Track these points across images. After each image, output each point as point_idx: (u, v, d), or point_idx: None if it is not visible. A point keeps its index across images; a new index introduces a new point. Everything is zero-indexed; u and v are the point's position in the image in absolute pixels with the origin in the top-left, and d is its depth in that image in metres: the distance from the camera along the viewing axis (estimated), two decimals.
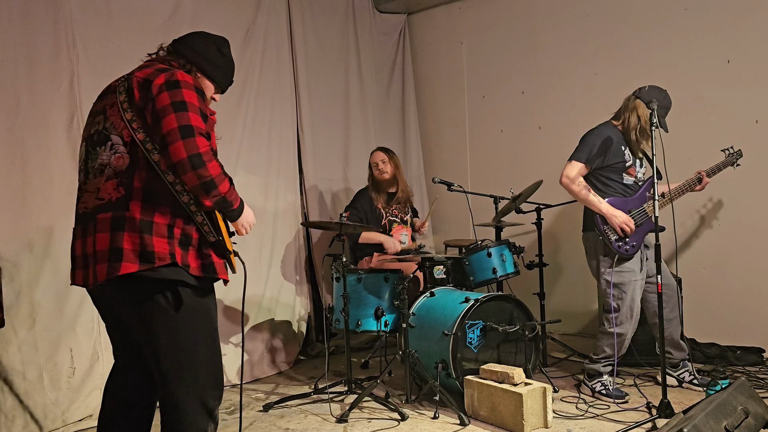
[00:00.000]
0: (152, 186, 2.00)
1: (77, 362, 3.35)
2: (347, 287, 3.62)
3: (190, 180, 1.93)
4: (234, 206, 2.12)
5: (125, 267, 1.94)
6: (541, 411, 3.04)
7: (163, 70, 2.06)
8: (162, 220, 1.99)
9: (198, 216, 2.04)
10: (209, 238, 2.06)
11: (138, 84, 2.04)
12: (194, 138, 1.92)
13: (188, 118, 1.94)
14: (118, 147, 2.03)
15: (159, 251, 1.97)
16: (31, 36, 3.27)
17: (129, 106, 2.03)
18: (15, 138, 3.19)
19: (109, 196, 2.01)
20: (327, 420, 3.31)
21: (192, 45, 2.25)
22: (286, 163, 4.75)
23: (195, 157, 1.91)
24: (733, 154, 3.77)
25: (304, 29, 4.95)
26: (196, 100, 2.00)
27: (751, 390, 2.67)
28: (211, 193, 1.98)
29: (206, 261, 2.06)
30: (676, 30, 4.49)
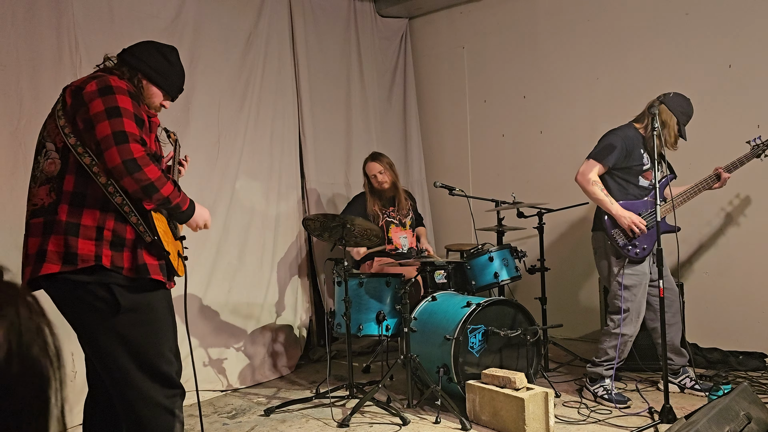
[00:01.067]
0: (82, 189, 2.02)
1: (78, 366, 3.34)
2: (349, 291, 3.61)
3: (129, 185, 1.97)
4: (183, 208, 2.15)
5: (46, 267, 1.97)
6: (542, 416, 3.03)
7: (97, 77, 2.09)
8: (90, 222, 2.00)
9: (132, 216, 2.04)
10: (145, 238, 2.05)
11: (71, 92, 2.08)
12: (128, 144, 1.95)
13: (122, 123, 1.97)
14: (51, 153, 2.07)
15: (83, 253, 1.97)
16: (34, 40, 3.28)
17: (63, 113, 2.07)
18: (18, 141, 3.20)
19: (41, 202, 2.05)
20: (328, 425, 3.30)
21: (137, 54, 2.27)
22: (288, 167, 4.75)
23: (129, 162, 1.94)
24: (759, 146, 3.67)
25: (305, 34, 4.96)
26: (130, 105, 2.02)
27: (753, 395, 2.66)
28: (153, 197, 2.02)
29: (139, 262, 2.04)
30: (678, 35, 4.50)
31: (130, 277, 2.03)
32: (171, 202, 2.08)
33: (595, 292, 4.66)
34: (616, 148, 3.43)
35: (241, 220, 4.37)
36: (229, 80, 4.36)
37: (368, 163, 4.60)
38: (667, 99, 3.41)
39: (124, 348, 2.04)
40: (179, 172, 2.50)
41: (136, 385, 2.05)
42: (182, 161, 2.53)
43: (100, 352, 2.06)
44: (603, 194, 3.43)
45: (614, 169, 3.48)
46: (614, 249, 3.44)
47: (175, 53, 2.38)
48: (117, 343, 2.03)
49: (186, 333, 2.34)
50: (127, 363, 2.04)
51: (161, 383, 2.10)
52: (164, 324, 2.15)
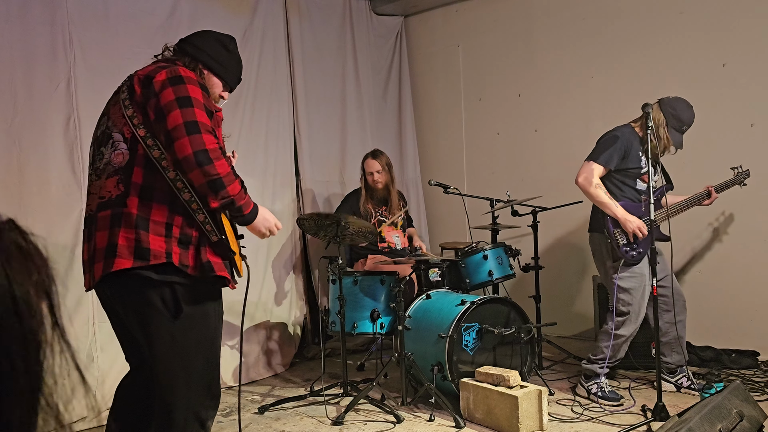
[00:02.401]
0: (151, 182, 1.95)
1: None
2: (343, 289, 3.62)
3: (197, 178, 1.89)
4: (245, 212, 2.06)
5: (119, 263, 1.90)
6: (536, 414, 3.04)
7: (165, 66, 2.02)
8: (160, 218, 1.94)
9: (200, 214, 1.98)
10: (212, 237, 1.99)
11: (139, 80, 2.00)
12: (200, 134, 1.87)
13: (194, 113, 1.89)
14: (119, 144, 1.99)
15: (155, 249, 1.91)
16: (28, 37, 3.27)
17: (130, 102, 1.99)
18: (12, 139, 3.19)
19: (109, 194, 1.97)
20: (323, 422, 3.31)
21: (197, 43, 2.22)
22: (283, 165, 4.75)
23: (201, 154, 1.86)
24: (741, 174, 3.78)
25: (301, 31, 4.95)
26: (200, 95, 1.96)
27: (745, 393, 2.68)
28: (219, 194, 1.93)
29: (204, 260, 1.98)
30: (672, 33, 4.51)
31: (194, 276, 1.97)
32: (236, 203, 2.00)
33: (589, 290, 4.68)
34: (616, 149, 3.40)
35: None
36: None
37: (368, 159, 4.60)
38: (663, 99, 3.41)
39: (178, 352, 2.00)
40: None
41: (180, 391, 2.01)
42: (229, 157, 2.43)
43: (153, 351, 2.01)
44: (607, 197, 3.40)
45: (613, 172, 3.46)
46: (612, 250, 3.44)
47: (234, 42, 2.35)
48: (172, 346, 1.99)
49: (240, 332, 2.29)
50: (177, 368, 2.00)
51: (204, 393, 2.06)
52: (217, 333, 2.11)
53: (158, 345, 1.99)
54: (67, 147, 3.35)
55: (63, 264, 3.32)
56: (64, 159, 3.32)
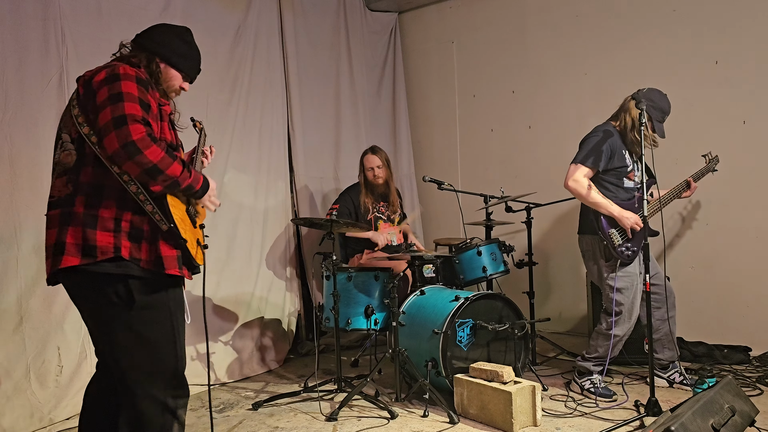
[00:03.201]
0: (99, 180, 2.00)
1: (65, 361, 3.34)
2: (337, 285, 3.62)
3: (131, 169, 1.93)
4: (196, 187, 2.10)
5: (66, 260, 1.95)
6: (530, 409, 3.05)
7: (108, 66, 2.07)
8: (108, 214, 1.98)
9: (148, 205, 2.01)
10: (162, 227, 2.02)
11: (84, 82, 2.06)
12: (127, 126, 1.90)
13: (123, 107, 1.93)
14: (67, 144, 2.05)
15: (102, 245, 1.96)
16: (20, 31, 3.25)
17: (77, 103, 2.05)
18: (3, 134, 3.17)
19: (59, 193, 2.04)
20: (317, 418, 3.31)
21: (153, 37, 2.25)
22: (277, 161, 4.74)
23: (129, 146, 1.89)
24: (712, 160, 3.82)
25: (295, 27, 4.94)
26: (135, 90, 1.99)
27: (737, 388, 2.69)
28: (158, 179, 1.96)
29: (156, 255, 2.02)
30: (665, 31, 4.53)
31: (148, 269, 2.01)
32: (180, 183, 2.02)
33: (582, 286, 4.69)
34: (602, 149, 3.38)
35: (229, 214, 4.35)
36: (217, 73, 4.33)
37: (368, 155, 4.59)
38: (639, 94, 3.39)
39: (139, 344, 2.03)
40: (202, 163, 2.45)
41: (144, 381, 2.05)
42: (206, 152, 2.48)
43: (113, 345, 2.05)
44: (600, 197, 3.39)
45: (600, 173, 3.44)
46: (605, 251, 3.44)
47: (190, 34, 2.37)
48: (131, 338, 2.03)
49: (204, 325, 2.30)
50: (139, 360, 2.04)
51: (169, 383, 2.09)
52: (177, 323, 2.13)
53: (117, 337, 2.04)
54: None
55: None
56: None
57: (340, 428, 3.15)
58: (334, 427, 3.17)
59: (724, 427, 2.39)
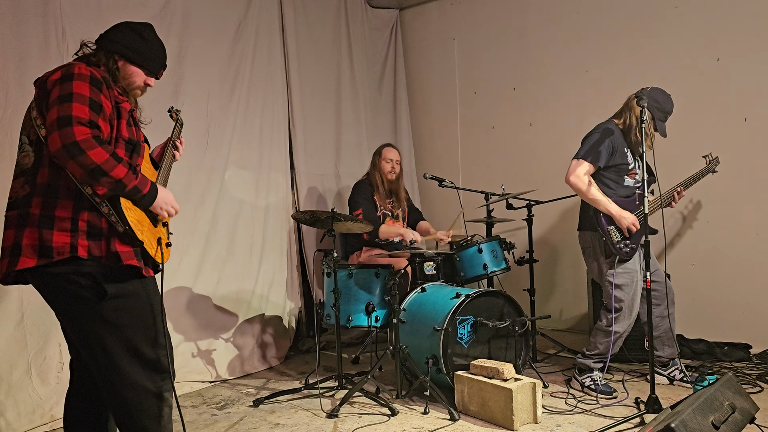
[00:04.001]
0: (55, 181, 2.00)
1: (66, 357, 3.33)
2: (338, 283, 3.62)
3: (73, 170, 1.94)
4: (143, 191, 2.08)
5: (23, 262, 1.96)
6: (530, 406, 3.06)
7: (64, 66, 2.07)
8: (64, 214, 1.99)
9: (104, 206, 2.01)
10: (117, 228, 2.03)
11: (40, 83, 2.06)
12: (71, 127, 1.90)
13: (70, 108, 1.93)
14: (25, 146, 2.06)
15: (58, 245, 1.96)
16: (20, 29, 3.24)
17: (36, 105, 2.05)
18: (4, 131, 3.17)
19: (16, 194, 2.05)
20: (317, 415, 3.31)
21: (111, 36, 2.25)
22: (278, 158, 4.74)
23: (71, 147, 1.89)
24: (713, 161, 3.81)
25: (295, 24, 4.93)
26: (86, 90, 1.98)
27: (738, 386, 2.69)
28: (102, 180, 1.96)
29: (112, 250, 2.02)
30: (667, 28, 4.52)
31: (108, 265, 2.03)
32: (126, 186, 2.01)
33: (583, 284, 4.69)
34: (604, 146, 3.39)
35: (230, 211, 4.35)
36: (218, 70, 4.33)
37: (388, 147, 4.60)
38: (643, 93, 3.37)
39: (111, 334, 2.05)
40: (173, 156, 2.43)
41: (122, 369, 2.06)
42: (176, 143, 2.46)
43: (86, 339, 2.07)
44: (600, 194, 3.40)
45: (602, 169, 3.45)
46: (605, 248, 3.44)
47: (150, 29, 2.34)
48: (104, 329, 2.04)
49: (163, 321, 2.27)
50: (113, 349, 2.05)
51: (148, 367, 2.11)
52: (150, 309, 2.14)
53: (91, 330, 2.05)
54: None
55: None
56: None
57: (341, 425, 3.15)
58: (334, 424, 3.18)
59: (725, 425, 2.39)
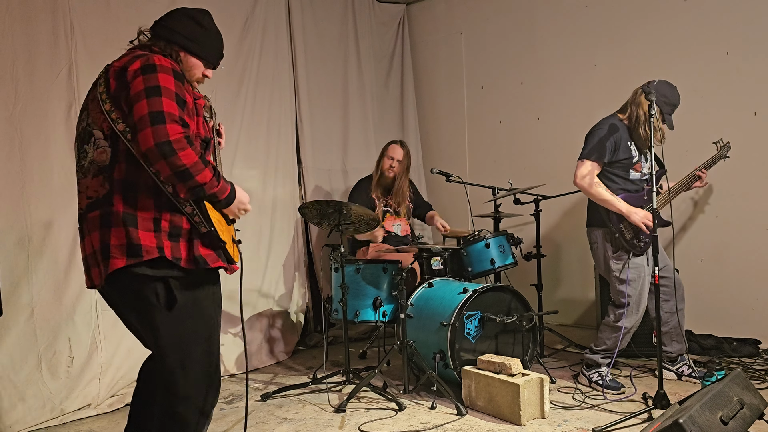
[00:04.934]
0: (134, 178, 1.93)
1: (76, 352, 3.36)
2: (345, 278, 3.62)
3: (162, 169, 1.85)
4: (221, 197, 2.01)
5: (113, 263, 1.89)
6: (538, 401, 3.05)
7: (141, 56, 1.96)
8: (147, 214, 1.92)
9: (187, 206, 1.95)
10: (200, 229, 1.97)
11: (114, 73, 1.95)
12: (164, 125, 1.82)
13: (160, 103, 1.84)
14: (100, 141, 1.95)
15: (146, 244, 1.90)
16: (29, 25, 3.26)
17: (107, 97, 1.95)
18: (13, 127, 3.19)
19: (96, 194, 1.95)
20: (325, 410, 3.32)
21: (170, 24, 2.15)
22: (285, 153, 4.75)
23: (164, 146, 1.81)
24: (724, 147, 3.78)
25: (303, 18, 4.93)
26: (172, 84, 1.90)
27: (746, 381, 2.69)
28: (187, 184, 1.89)
29: (196, 254, 1.97)
30: (676, 21, 4.49)
31: (188, 268, 1.96)
32: (206, 191, 1.94)
33: (590, 278, 4.68)
34: (607, 143, 3.38)
35: None
36: (225, 65, 4.28)
37: (394, 144, 4.61)
38: (650, 87, 3.35)
39: (175, 344, 1.98)
40: (219, 144, 2.37)
41: (180, 382, 1.99)
42: (219, 131, 2.40)
43: (154, 345, 2.01)
44: (608, 194, 3.38)
45: (606, 165, 3.44)
46: (614, 243, 3.43)
47: (208, 17, 2.25)
48: (168, 338, 1.97)
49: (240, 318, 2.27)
50: (175, 359, 1.98)
51: (204, 383, 2.04)
52: (215, 322, 2.09)
53: (156, 337, 1.99)
54: (68, 134, 3.34)
55: (65, 252, 3.33)
56: (65, 146, 3.31)
57: (349, 420, 3.16)
58: (342, 418, 3.19)
59: (733, 420, 2.38)
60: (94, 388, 3.39)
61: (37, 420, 3.15)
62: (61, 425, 3.19)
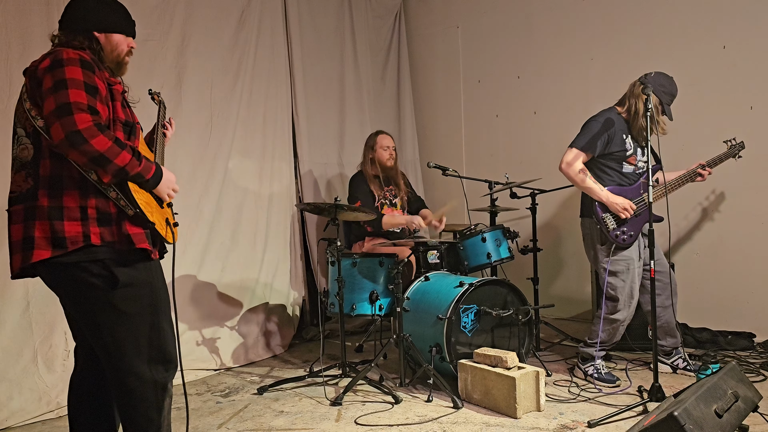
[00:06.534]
0: (59, 171, 1.98)
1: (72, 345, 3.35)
2: (342, 271, 3.62)
3: (78, 158, 1.92)
4: (147, 176, 2.06)
5: (37, 254, 1.95)
6: (533, 394, 3.06)
7: (50, 53, 2.02)
8: (72, 204, 1.98)
9: (111, 192, 2.00)
10: (127, 212, 2.02)
11: (30, 73, 2.02)
12: (72, 116, 1.87)
13: (67, 95, 1.89)
14: (22, 138, 2.03)
15: (71, 235, 1.96)
16: (23, 17, 3.24)
17: (28, 96, 2.02)
18: (8, 120, 3.13)
19: (19, 188, 2.01)
20: (321, 403, 3.33)
21: (79, 15, 2.15)
22: (281, 146, 4.74)
23: (73, 135, 1.86)
24: (735, 146, 3.76)
25: (299, 12, 4.91)
26: (80, 74, 1.94)
27: (741, 374, 2.70)
28: (107, 168, 1.94)
29: (124, 233, 2.02)
30: (673, 15, 4.48)
31: (121, 249, 2.03)
32: (129, 172, 1.99)
33: (586, 272, 4.69)
34: (598, 135, 3.39)
35: (234, 200, 4.36)
36: (221, 59, 4.32)
37: (382, 134, 4.58)
38: (648, 79, 3.36)
39: (121, 322, 2.05)
40: (164, 136, 2.43)
41: (131, 359, 2.07)
42: (166, 124, 2.46)
43: (96, 327, 2.06)
44: (591, 182, 3.41)
45: (597, 157, 3.45)
46: (601, 235, 3.44)
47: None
48: (113, 317, 2.04)
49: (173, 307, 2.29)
50: (123, 338, 2.06)
51: (156, 358, 2.11)
52: (161, 298, 2.15)
53: (101, 318, 2.04)
54: None
55: None
56: None
57: (345, 413, 3.17)
58: (338, 411, 3.19)
59: (728, 413, 2.39)
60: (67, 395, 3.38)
61: (33, 413, 3.15)
62: (57, 418, 3.19)
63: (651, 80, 3.33)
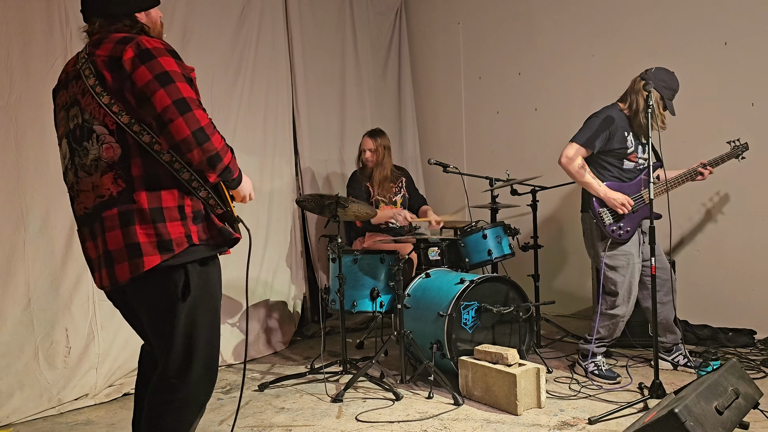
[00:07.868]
0: (152, 170, 1.86)
1: (73, 342, 3.36)
2: (343, 268, 3.62)
3: (197, 157, 1.81)
4: (234, 175, 2.00)
5: (149, 261, 1.83)
6: (534, 391, 3.07)
7: (126, 41, 1.84)
8: (171, 203, 1.87)
9: (202, 191, 1.93)
10: (217, 211, 1.97)
11: (104, 64, 1.84)
12: (192, 112, 1.78)
13: (178, 90, 1.78)
14: (105, 137, 1.85)
15: (176, 237, 1.86)
16: (24, 13, 3.24)
17: (103, 89, 1.84)
18: (8, 116, 3.17)
19: (109, 192, 1.86)
20: (322, 400, 3.33)
21: None
22: (282, 143, 4.73)
23: (199, 133, 1.78)
24: (739, 147, 3.74)
25: (300, 8, 4.91)
26: (176, 65, 1.84)
27: (741, 371, 2.70)
28: (217, 167, 1.87)
29: (219, 227, 1.96)
30: (674, 12, 4.47)
31: (215, 245, 1.96)
32: (232, 172, 1.95)
33: (587, 269, 4.69)
34: (599, 131, 3.39)
35: None
36: (222, 55, 4.32)
37: (364, 137, 4.60)
38: (648, 74, 3.36)
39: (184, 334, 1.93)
40: None
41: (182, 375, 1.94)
42: None
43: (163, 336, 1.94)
44: (590, 177, 3.41)
45: (597, 153, 3.45)
46: (599, 230, 3.45)
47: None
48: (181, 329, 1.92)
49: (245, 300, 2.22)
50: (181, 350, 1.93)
51: (204, 376, 2.00)
52: (218, 308, 2.06)
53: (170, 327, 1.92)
54: None
55: (61, 242, 3.32)
56: None
57: (346, 409, 3.17)
58: (339, 408, 3.20)
59: (728, 410, 2.39)
60: (91, 378, 3.39)
61: (35, 410, 3.15)
62: (58, 415, 3.20)
63: (652, 75, 3.33)
